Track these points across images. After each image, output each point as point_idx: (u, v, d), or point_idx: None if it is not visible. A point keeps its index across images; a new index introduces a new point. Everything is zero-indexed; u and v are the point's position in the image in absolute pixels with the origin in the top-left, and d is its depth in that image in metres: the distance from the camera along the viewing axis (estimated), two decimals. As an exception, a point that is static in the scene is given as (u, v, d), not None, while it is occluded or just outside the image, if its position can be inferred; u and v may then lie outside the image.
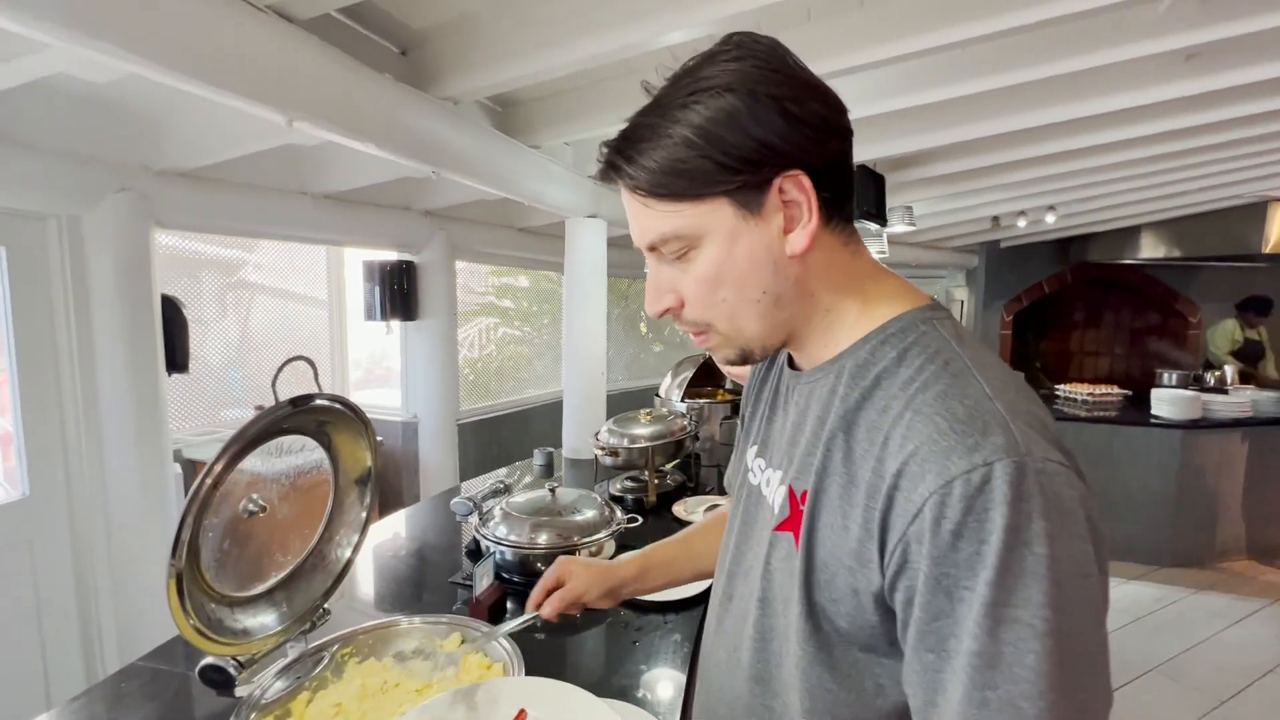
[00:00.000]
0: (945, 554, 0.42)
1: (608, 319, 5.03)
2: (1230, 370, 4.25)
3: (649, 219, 0.53)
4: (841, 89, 1.83)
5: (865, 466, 0.49)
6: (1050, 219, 4.19)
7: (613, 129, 1.98)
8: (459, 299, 4.09)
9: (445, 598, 1.46)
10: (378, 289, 3.02)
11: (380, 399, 3.64)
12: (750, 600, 0.59)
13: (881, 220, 2.79)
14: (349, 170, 2.30)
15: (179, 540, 0.69)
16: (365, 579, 1.63)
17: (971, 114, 2.36)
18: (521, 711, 0.68)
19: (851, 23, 1.67)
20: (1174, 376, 4.26)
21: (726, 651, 0.63)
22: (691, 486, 2.24)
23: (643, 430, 2.09)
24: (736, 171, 0.49)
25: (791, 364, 0.64)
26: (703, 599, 1.42)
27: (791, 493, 0.55)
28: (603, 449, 2.06)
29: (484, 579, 1.35)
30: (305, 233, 2.54)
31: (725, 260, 0.52)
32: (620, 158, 0.52)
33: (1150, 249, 5.02)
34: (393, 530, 1.95)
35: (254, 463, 0.84)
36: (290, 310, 3.40)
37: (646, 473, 2.05)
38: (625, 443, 2.05)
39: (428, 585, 1.54)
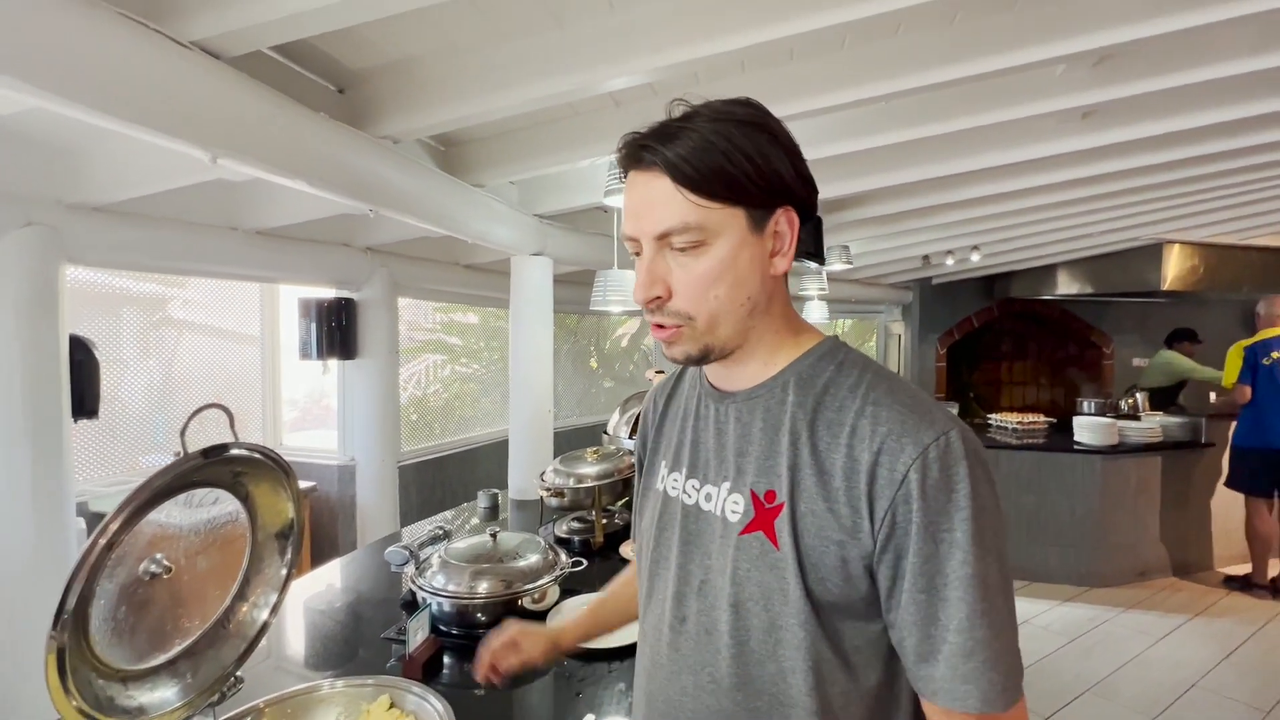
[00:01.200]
0: (928, 505, 0.53)
1: (557, 355, 5.00)
2: (1142, 398, 4.56)
3: (675, 206, 0.58)
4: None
5: (835, 455, 0.58)
6: (975, 258, 4.45)
7: (558, 168, 2.00)
8: (403, 336, 3.98)
9: (379, 654, 1.37)
10: (314, 326, 2.91)
11: (316, 441, 3.47)
12: (718, 611, 0.62)
13: (820, 259, 2.89)
14: (284, 206, 2.23)
15: (61, 610, 0.62)
16: (295, 637, 1.52)
17: (901, 161, 2.51)
18: None
19: (784, 73, 1.77)
20: (1093, 405, 4.54)
21: (693, 674, 0.64)
22: (640, 525, 2.21)
23: (589, 469, 2.06)
24: (760, 191, 0.59)
25: (709, 386, 0.71)
26: (649, 643, 1.39)
27: (755, 496, 0.62)
28: (548, 490, 2.02)
29: (418, 633, 1.28)
30: (236, 269, 2.44)
31: (729, 262, 0.60)
32: (664, 148, 0.58)
33: (1065, 285, 5.40)
34: (325, 582, 1.84)
35: (160, 517, 0.78)
36: (220, 348, 3.23)
37: (594, 513, 2.01)
38: (571, 483, 2.02)
39: (361, 641, 1.45)
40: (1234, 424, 3.68)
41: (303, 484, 2.89)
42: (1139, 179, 2.86)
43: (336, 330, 2.94)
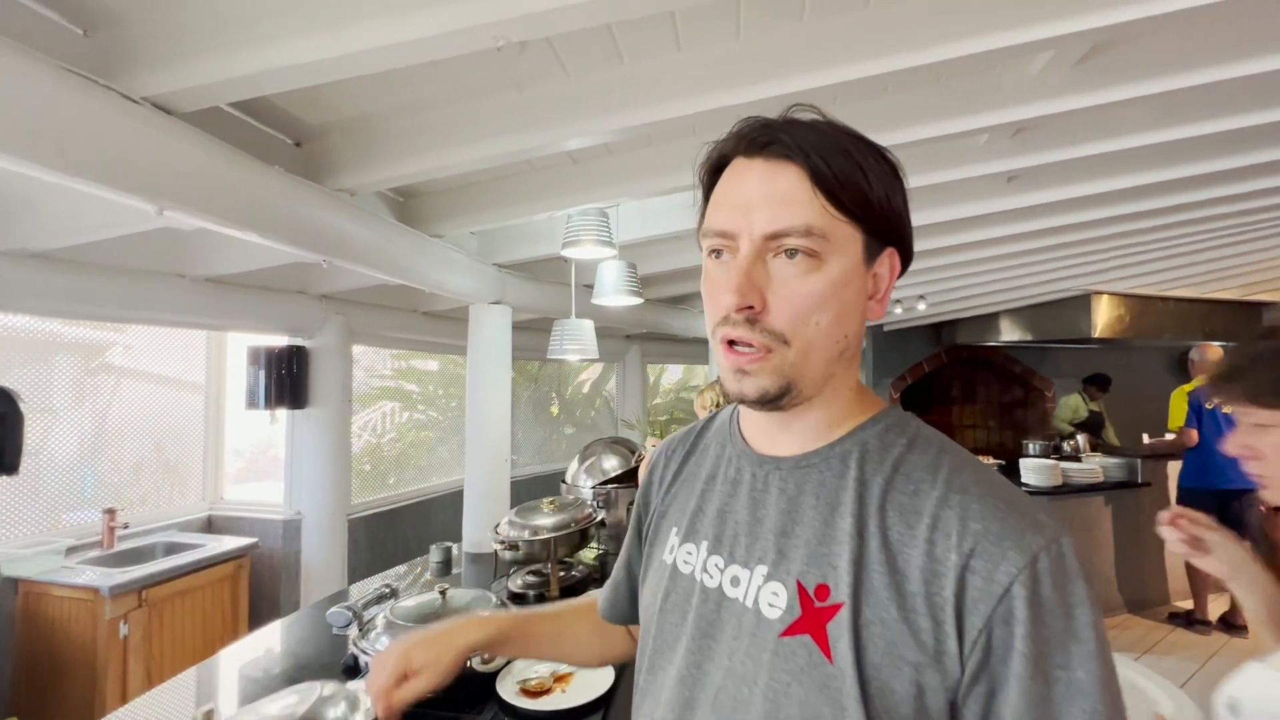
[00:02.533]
0: (1040, 633, 0.43)
1: (517, 401, 4.96)
2: (1082, 439, 4.77)
3: (802, 205, 0.50)
4: None
5: (911, 552, 0.47)
6: (922, 306, 4.66)
7: (516, 221, 2.03)
8: (359, 382, 3.90)
9: (316, 726, 1.29)
10: (263, 374, 2.82)
11: (262, 494, 3.32)
12: None
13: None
14: (235, 254, 2.20)
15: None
16: (227, 709, 1.42)
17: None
18: None
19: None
20: (1037, 446, 4.72)
21: None
22: (596, 578, 2.17)
23: (545, 520, 2.03)
24: (883, 218, 0.52)
25: (744, 443, 0.60)
26: (603, 702, 1.35)
27: (802, 589, 0.49)
28: (502, 543, 1.97)
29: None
30: (183, 317, 2.37)
31: (840, 285, 0.51)
32: (808, 142, 0.51)
33: (1007, 333, 5.68)
34: (263, 647, 1.74)
35: None
36: (161, 397, 3.09)
37: (549, 565, 1.97)
38: (526, 535, 1.98)
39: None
40: (1179, 465, 3.86)
41: (244, 541, 2.75)
42: (1063, 236, 3.08)
43: (286, 378, 2.86)
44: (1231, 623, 3.61)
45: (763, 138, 0.52)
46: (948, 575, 0.45)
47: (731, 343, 0.52)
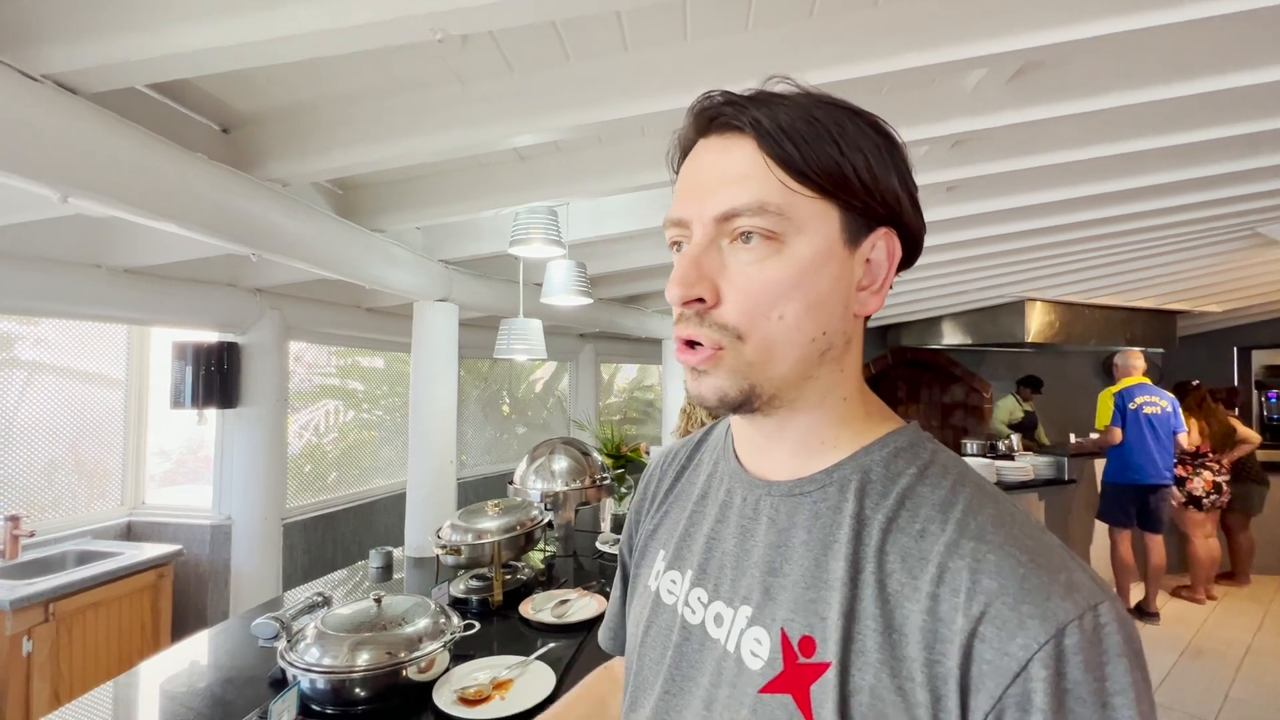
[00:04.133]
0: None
1: (467, 400, 4.85)
2: (1016, 439, 5.01)
3: (756, 180, 0.43)
4: (670, 195, 1.97)
5: (911, 607, 0.40)
6: (869, 310, 4.79)
7: (462, 217, 1.98)
8: (300, 379, 3.73)
9: (241, 744, 1.23)
10: (189, 371, 2.67)
11: (190, 497, 3.14)
12: None
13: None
14: (157, 244, 2.07)
15: None
16: (144, 723, 1.34)
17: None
18: None
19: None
20: (974, 446, 4.92)
21: None
22: (543, 581, 2.14)
23: (490, 524, 1.99)
24: (866, 191, 0.44)
25: (737, 462, 0.53)
26: (541, 709, 1.33)
27: (785, 640, 0.43)
28: (444, 547, 1.92)
29: (283, 716, 1.16)
30: (100, 310, 2.21)
31: (810, 271, 0.44)
32: (760, 110, 0.44)
33: (949, 336, 5.91)
34: (187, 659, 1.64)
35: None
36: (76, 393, 2.88)
37: (493, 569, 1.93)
38: (470, 539, 1.93)
39: (221, 730, 1.29)
40: (1103, 463, 4.09)
41: (168, 548, 2.59)
42: (998, 245, 3.22)
43: (216, 375, 2.72)
44: (1146, 610, 3.86)
45: (711, 112, 0.46)
46: (952, 641, 0.38)
47: (689, 342, 0.46)
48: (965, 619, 0.37)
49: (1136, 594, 3.98)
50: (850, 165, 0.44)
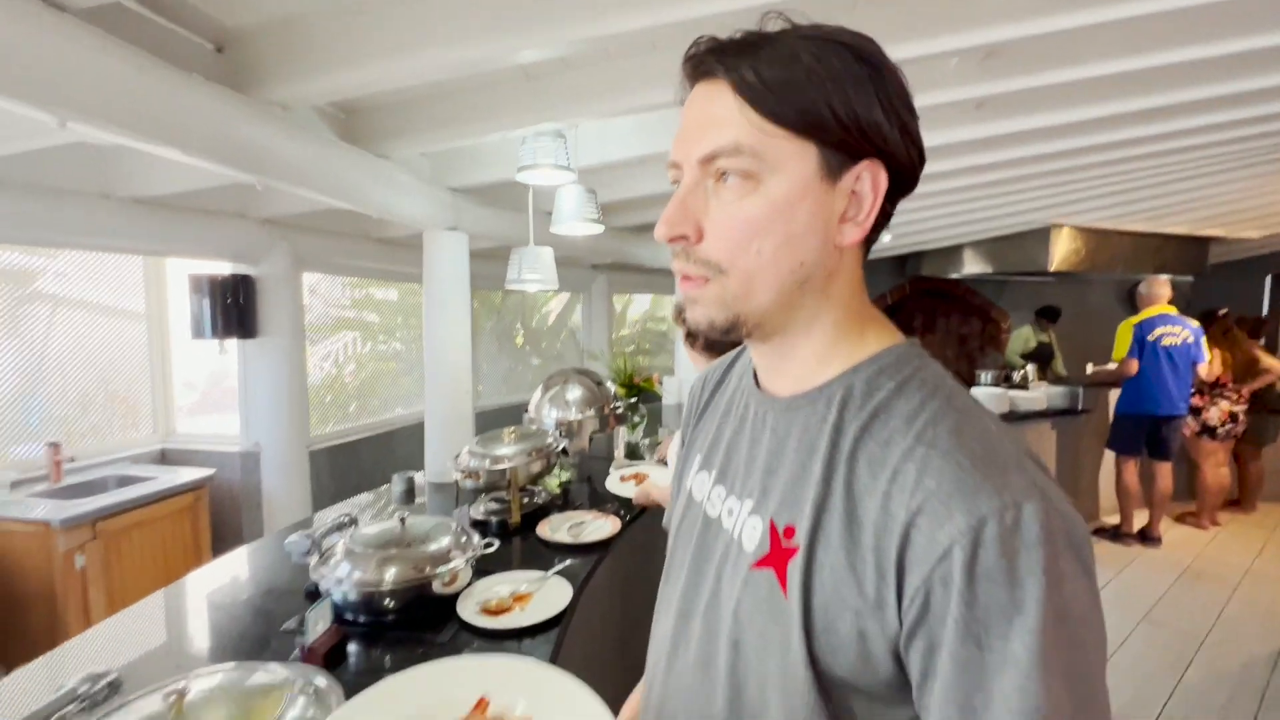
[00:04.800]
0: (977, 599, 0.40)
1: (481, 332, 4.89)
2: (1031, 370, 4.98)
3: (732, 124, 0.47)
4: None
5: (870, 503, 0.46)
6: (887, 238, 4.67)
7: (469, 141, 1.91)
8: (317, 312, 3.77)
9: (285, 646, 1.32)
10: (207, 303, 2.70)
11: (218, 426, 3.25)
12: (716, 643, 0.53)
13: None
14: (164, 173, 2.05)
15: None
16: (196, 632, 1.44)
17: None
18: (482, 699, 0.63)
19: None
20: (989, 376, 4.91)
21: (685, 701, 0.56)
22: (559, 505, 2.22)
23: (506, 450, 2.05)
24: (842, 129, 0.46)
25: (756, 384, 0.59)
26: (559, 619, 1.41)
27: (774, 527, 0.51)
28: (463, 472, 1.99)
29: (318, 624, 1.24)
30: (111, 241, 2.22)
31: (783, 208, 0.47)
32: (737, 54, 0.47)
33: (970, 265, 5.77)
34: (229, 574, 1.75)
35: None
36: (101, 327, 2.95)
37: (510, 493, 2.00)
38: (487, 464, 2.00)
39: (264, 636, 1.39)
40: (1118, 393, 4.07)
41: (201, 473, 2.72)
42: (1027, 167, 3.07)
43: (233, 308, 2.75)
44: (1149, 535, 3.94)
45: (696, 60, 0.50)
46: (895, 531, 0.44)
47: (685, 276, 0.52)
48: (906, 512, 0.43)
49: (1140, 519, 4.05)
50: (826, 103, 0.46)
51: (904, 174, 0.50)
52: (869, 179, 0.48)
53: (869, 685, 0.46)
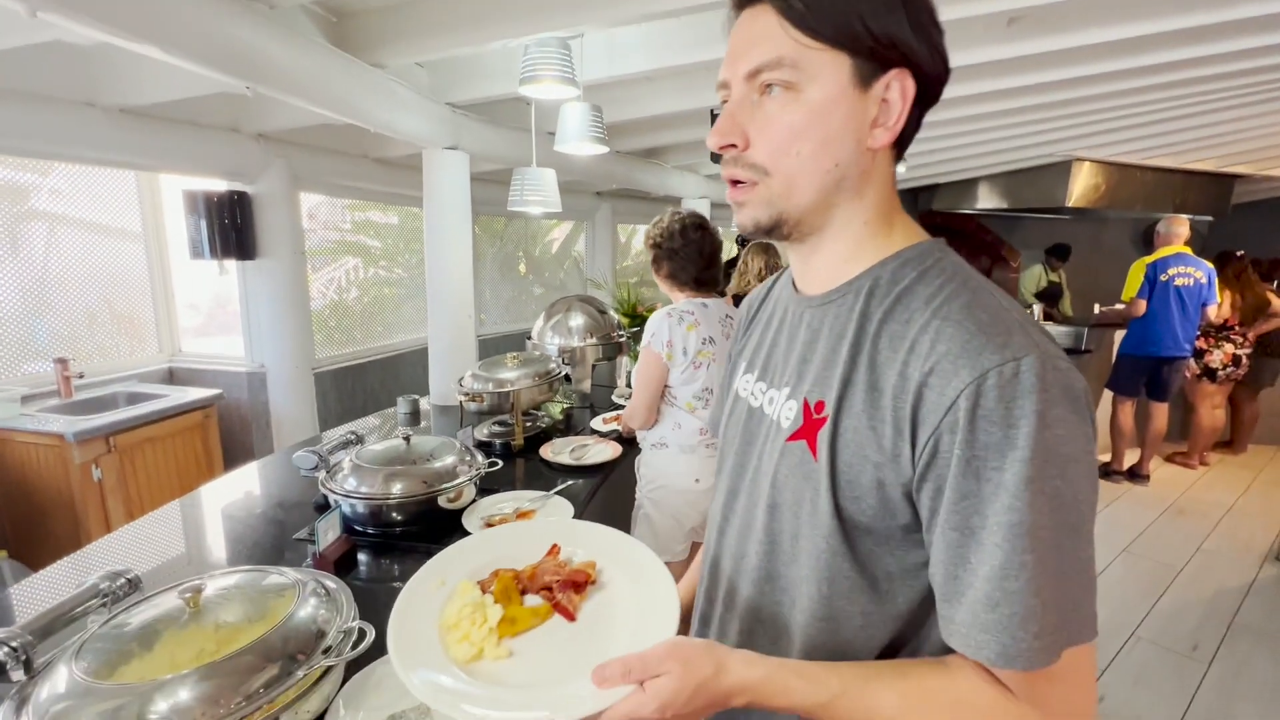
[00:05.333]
0: (976, 438, 0.47)
1: (483, 259, 4.82)
2: (1037, 309, 4.94)
3: (774, 40, 0.53)
4: (695, 28, 1.80)
5: (890, 371, 0.52)
6: (901, 169, 4.51)
7: (467, 49, 1.82)
8: (317, 236, 3.71)
9: (298, 554, 1.38)
10: (203, 223, 2.65)
11: (224, 347, 3.27)
12: (756, 510, 0.63)
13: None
14: (151, 78, 1.95)
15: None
16: (213, 540, 1.51)
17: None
18: (554, 545, 0.74)
19: None
20: (994, 314, 4.87)
21: (733, 561, 0.67)
22: (561, 429, 2.26)
23: (509, 374, 2.06)
24: (876, 41, 0.51)
25: (794, 290, 0.67)
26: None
27: (806, 404, 0.58)
28: (466, 395, 2.01)
29: (329, 533, 1.29)
30: (97, 154, 2.15)
31: (820, 114, 0.53)
32: None
33: (984, 200, 5.61)
34: (241, 488, 1.81)
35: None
36: (100, 246, 2.91)
37: (513, 416, 2.03)
38: (490, 387, 2.01)
39: (277, 544, 1.45)
40: (1122, 334, 4.04)
41: (209, 392, 2.75)
42: (1055, 93, 2.92)
43: (231, 228, 2.70)
44: (1138, 473, 4.02)
45: None
46: (910, 391, 0.50)
47: (734, 181, 0.57)
48: (919, 374, 0.50)
49: (1131, 458, 4.12)
50: (858, 18, 0.51)
51: (930, 84, 0.55)
52: (898, 87, 0.53)
53: (886, 529, 0.54)
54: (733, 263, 5.16)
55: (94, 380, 2.72)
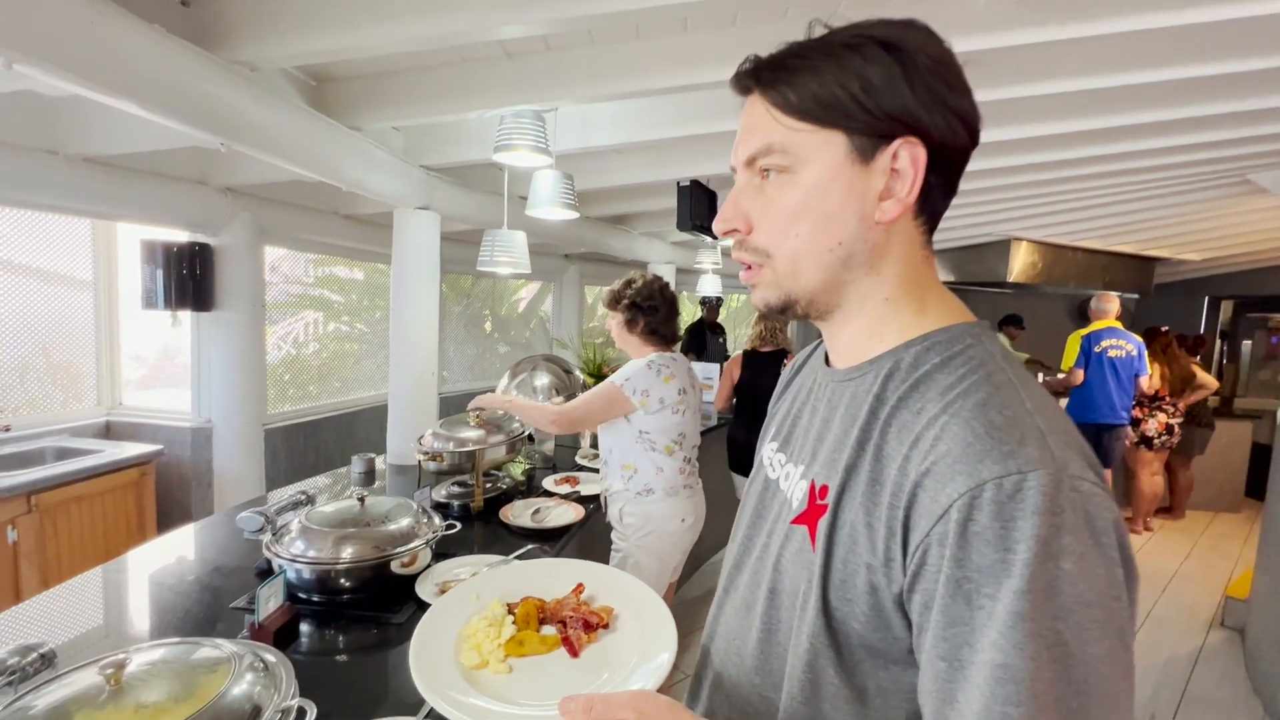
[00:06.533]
0: (969, 558, 0.41)
1: (449, 317, 4.80)
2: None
3: (763, 127, 0.53)
4: (664, 108, 1.91)
5: (892, 465, 0.48)
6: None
7: (444, 118, 1.89)
8: (278, 289, 3.65)
9: (234, 626, 1.29)
10: (160, 273, 2.59)
11: (170, 401, 3.12)
12: (758, 591, 0.59)
13: (713, 233, 2.97)
14: (120, 130, 1.95)
15: None
16: (136, 613, 1.39)
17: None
18: (579, 585, 0.79)
19: (677, 44, 1.77)
20: (946, 381, 5.06)
21: (726, 640, 0.63)
22: (522, 490, 2.21)
23: (471, 434, 2.02)
24: (871, 115, 0.49)
25: (826, 361, 0.64)
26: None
27: (812, 487, 0.55)
28: (426, 454, 1.96)
29: (270, 601, 1.21)
30: (56, 201, 2.10)
31: (817, 193, 0.52)
32: (767, 68, 0.53)
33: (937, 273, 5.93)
34: (174, 553, 1.69)
35: None
36: (43, 293, 2.79)
37: (474, 477, 1.98)
38: (451, 446, 1.97)
39: (212, 614, 1.35)
40: (1064, 401, 4.24)
41: (148, 447, 2.61)
42: (994, 179, 3.18)
43: (189, 278, 2.64)
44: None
45: (736, 80, 0.56)
46: (906, 490, 0.46)
47: (745, 264, 0.58)
48: (916, 473, 0.46)
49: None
50: (847, 94, 0.50)
51: (949, 148, 0.51)
52: (907, 156, 0.50)
53: (882, 644, 0.48)
54: (692, 327, 5.26)
55: (21, 434, 2.55)
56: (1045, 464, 0.42)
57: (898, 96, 0.49)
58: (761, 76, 0.53)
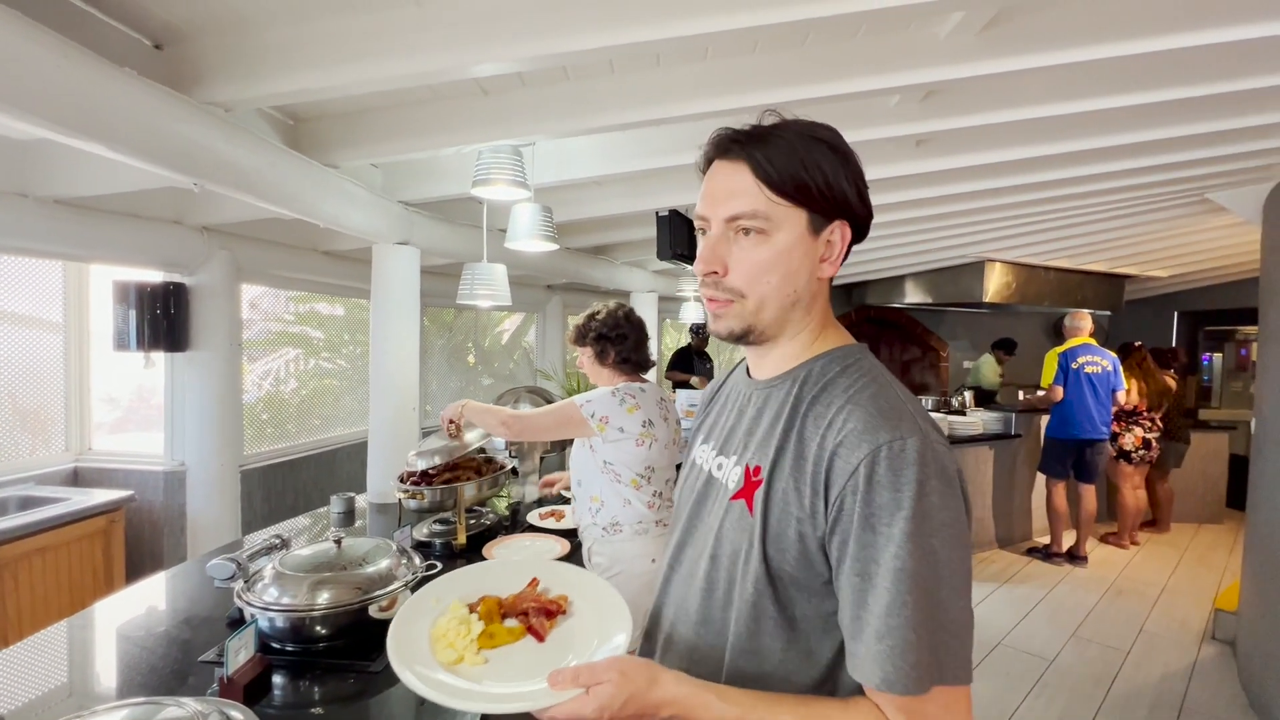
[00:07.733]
0: (873, 499, 0.60)
1: (431, 350, 4.77)
2: (968, 396, 5.20)
3: (750, 197, 0.68)
4: (641, 141, 1.93)
5: (812, 443, 0.65)
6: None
7: (421, 154, 1.89)
8: (258, 326, 3.60)
9: (204, 680, 1.23)
10: (133, 314, 2.54)
11: (141, 445, 3.04)
12: (700, 560, 0.75)
13: (691, 260, 2.99)
14: (91, 172, 1.93)
15: None
16: (103, 668, 1.32)
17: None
18: (534, 579, 0.87)
19: (650, 79, 1.80)
20: (930, 402, 5.10)
21: (675, 604, 0.78)
22: (506, 526, 2.17)
23: (452, 444, 1.98)
24: (824, 200, 0.68)
25: (748, 374, 0.81)
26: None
27: (747, 469, 0.71)
28: (406, 492, 1.92)
29: (240, 653, 1.16)
30: (28, 244, 2.07)
31: (785, 253, 0.69)
32: (756, 147, 0.68)
33: (912, 295, 6.02)
34: (144, 603, 1.62)
35: None
36: (11, 336, 2.72)
37: (456, 514, 1.94)
38: (437, 460, 1.93)
39: (181, 668, 1.28)
40: (1046, 418, 4.28)
41: (118, 494, 2.52)
42: (964, 203, 3.25)
43: (163, 319, 2.60)
44: (1076, 554, 4.13)
45: (723, 144, 0.71)
46: (825, 459, 0.63)
47: (712, 299, 0.73)
48: (832, 445, 0.64)
49: (1069, 540, 4.25)
50: (814, 182, 0.67)
51: (861, 227, 0.72)
52: (839, 232, 0.70)
53: (807, 579, 0.66)
54: (680, 352, 5.29)
55: (-17, 483, 2.46)
56: (917, 433, 0.61)
57: (841, 187, 0.69)
58: (751, 153, 0.68)
